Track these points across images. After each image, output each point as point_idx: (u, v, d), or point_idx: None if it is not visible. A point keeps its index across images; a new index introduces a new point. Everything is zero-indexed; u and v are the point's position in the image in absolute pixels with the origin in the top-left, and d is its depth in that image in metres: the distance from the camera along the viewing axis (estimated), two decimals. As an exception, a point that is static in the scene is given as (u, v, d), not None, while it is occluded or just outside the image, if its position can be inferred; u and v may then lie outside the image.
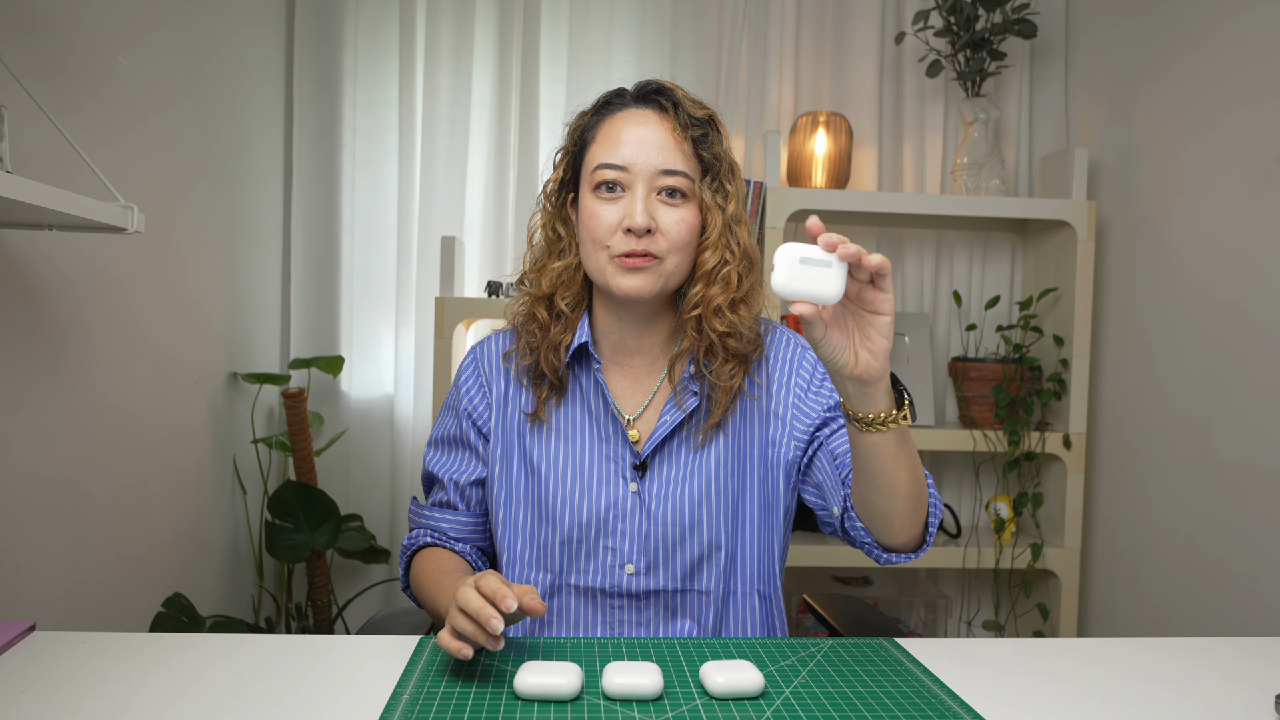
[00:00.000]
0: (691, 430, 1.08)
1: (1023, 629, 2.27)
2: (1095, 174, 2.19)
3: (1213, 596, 1.76)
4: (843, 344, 0.85)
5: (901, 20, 2.33)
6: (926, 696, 0.84)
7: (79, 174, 1.29)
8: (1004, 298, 2.38)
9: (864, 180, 2.35)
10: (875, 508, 0.96)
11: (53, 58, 1.34)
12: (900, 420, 0.89)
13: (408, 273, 2.31)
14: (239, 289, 2.06)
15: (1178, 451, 1.87)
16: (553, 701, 0.80)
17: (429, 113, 2.28)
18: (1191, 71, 1.86)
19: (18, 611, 1.28)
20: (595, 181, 1.03)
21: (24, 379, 1.30)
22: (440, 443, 1.15)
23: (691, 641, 0.96)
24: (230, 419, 2.04)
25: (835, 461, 1.06)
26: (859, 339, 0.86)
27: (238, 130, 2.04)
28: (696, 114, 1.04)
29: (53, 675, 0.84)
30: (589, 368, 1.10)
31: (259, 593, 2.16)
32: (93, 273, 1.46)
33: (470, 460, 1.13)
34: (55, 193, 1.01)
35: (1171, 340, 1.90)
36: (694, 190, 1.03)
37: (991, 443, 2.13)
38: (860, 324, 0.85)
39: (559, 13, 2.32)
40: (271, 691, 0.82)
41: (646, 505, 1.06)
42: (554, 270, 1.08)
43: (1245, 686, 0.88)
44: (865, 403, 0.88)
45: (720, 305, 1.04)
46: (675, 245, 1.02)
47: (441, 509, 1.14)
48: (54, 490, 1.38)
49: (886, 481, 0.93)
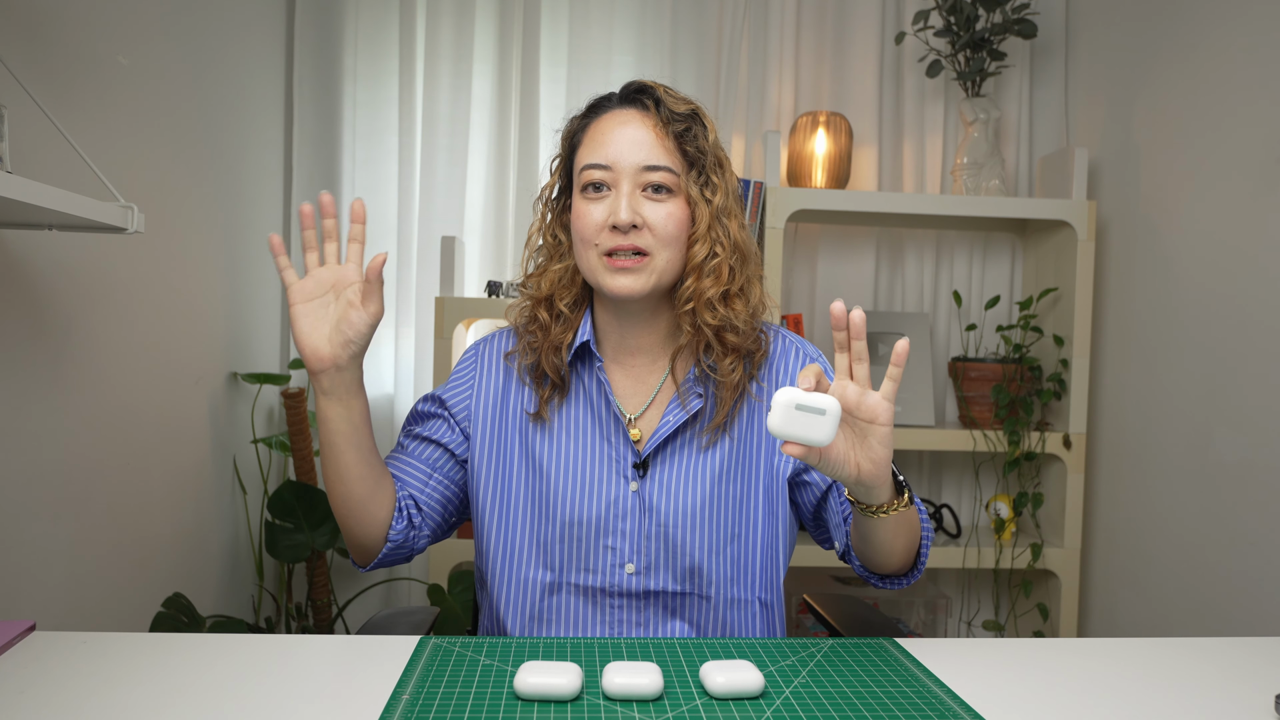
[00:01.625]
0: (695, 431, 1.08)
1: (1023, 629, 2.27)
2: (1095, 174, 2.19)
3: (1213, 596, 1.76)
4: (843, 458, 0.87)
5: (901, 20, 2.33)
6: (926, 696, 0.84)
7: (79, 174, 1.29)
8: (1004, 298, 2.38)
9: (864, 180, 2.35)
10: (872, 561, 1.01)
11: (53, 58, 1.34)
12: (900, 508, 0.92)
13: (408, 273, 2.31)
14: (239, 289, 2.06)
15: (1178, 451, 1.87)
16: (553, 701, 0.80)
17: (429, 113, 2.28)
18: (1191, 71, 1.86)
19: (18, 611, 1.28)
20: (583, 183, 1.04)
21: (24, 379, 1.30)
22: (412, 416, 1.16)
23: (691, 641, 0.96)
24: (230, 419, 2.04)
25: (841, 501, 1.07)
26: (859, 451, 0.88)
27: (238, 130, 2.04)
28: (679, 109, 1.05)
29: (53, 675, 0.84)
30: (591, 366, 1.10)
31: (259, 593, 2.16)
32: (93, 273, 1.46)
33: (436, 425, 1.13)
34: (55, 193, 1.01)
35: (1171, 340, 1.90)
36: (680, 185, 1.04)
37: (991, 443, 2.13)
38: (859, 435, 0.88)
39: (559, 13, 2.32)
40: (271, 691, 0.82)
41: (647, 505, 1.06)
42: (554, 273, 1.09)
43: (1245, 686, 0.88)
44: (866, 496, 0.91)
45: (712, 298, 1.04)
46: (663, 240, 1.02)
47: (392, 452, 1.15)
48: (54, 490, 1.38)
49: (885, 549, 0.97)
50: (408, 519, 1.09)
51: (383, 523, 1.06)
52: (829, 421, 0.82)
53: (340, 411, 0.99)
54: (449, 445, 1.12)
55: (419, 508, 1.11)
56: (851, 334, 0.87)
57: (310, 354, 0.96)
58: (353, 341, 0.95)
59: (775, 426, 0.83)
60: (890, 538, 0.95)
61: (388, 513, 1.06)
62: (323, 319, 0.96)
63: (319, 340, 0.95)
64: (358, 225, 0.96)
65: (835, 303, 0.86)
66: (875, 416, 0.86)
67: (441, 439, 1.12)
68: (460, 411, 1.13)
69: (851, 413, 0.87)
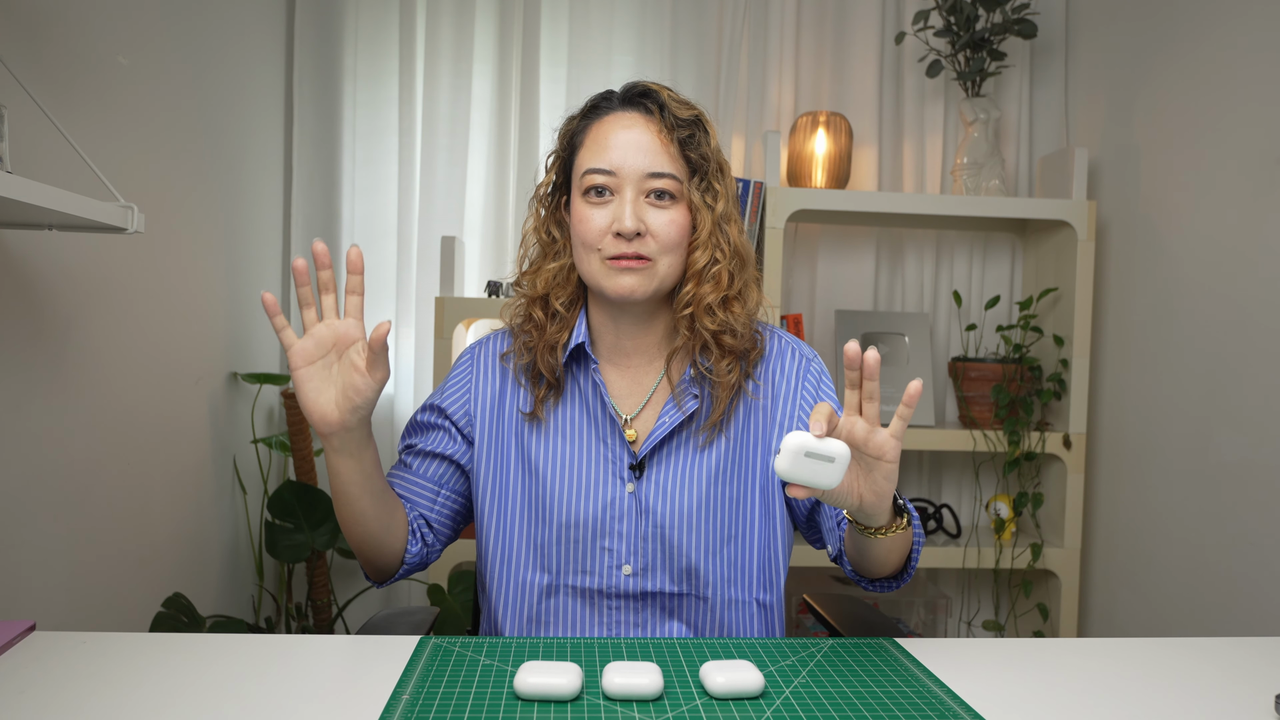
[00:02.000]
0: (691, 432, 1.08)
1: (1023, 629, 2.27)
2: (1095, 174, 2.19)
3: (1213, 596, 1.76)
4: (847, 490, 0.88)
5: (901, 20, 2.33)
6: (926, 696, 0.84)
7: (79, 174, 1.29)
8: (1004, 298, 2.38)
9: (864, 180, 2.35)
10: (865, 570, 1.02)
11: (53, 58, 1.34)
12: (899, 529, 0.93)
13: (408, 273, 2.31)
14: (239, 289, 2.06)
15: (1178, 451, 1.87)
16: (553, 702, 0.80)
17: (429, 113, 2.28)
18: (1191, 71, 1.86)
19: (18, 611, 1.28)
20: (585, 186, 1.04)
21: (24, 379, 1.30)
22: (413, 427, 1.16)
23: (691, 641, 0.96)
24: (230, 419, 2.04)
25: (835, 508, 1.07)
26: (863, 483, 0.88)
27: (238, 130, 2.04)
28: (683, 115, 1.04)
29: (53, 675, 0.84)
30: (586, 367, 1.10)
31: (259, 593, 2.16)
32: (93, 273, 1.46)
33: (437, 436, 1.13)
34: (55, 193, 1.01)
35: (1171, 340, 1.90)
36: (682, 191, 1.04)
37: (991, 443, 2.13)
38: (865, 469, 0.87)
39: (559, 13, 2.32)
40: (271, 691, 0.82)
41: (643, 506, 1.06)
42: (549, 271, 1.09)
43: (1245, 686, 0.88)
44: (866, 520, 0.92)
45: (712, 303, 1.04)
46: (666, 247, 1.03)
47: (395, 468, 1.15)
48: (54, 490, 1.38)
49: (879, 562, 0.98)
50: (421, 539, 1.10)
51: (399, 551, 1.08)
52: (837, 468, 0.83)
53: (352, 464, 0.98)
54: (452, 456, 1.12)
55: (430, 526, 1.12)
56: (865, 375, 0.85)
57: (319, 419, 0.93)
58: (360, 407, 0.93)
59: (783, 471, 0.83)
60: (885, 554, 0.96)
61: (402, 540, 1.08)
62: (327, 381, 0.93)
63: (326, 405, 0.93)
64: (355, 276, 0.92)
65: (850, 343, 0.85)
66: (883, 454, 0.86)
67: (444, 451, 1.12)
68: (461, 417, 1.12)
69: (859, 448, 0.86)
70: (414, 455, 1.13)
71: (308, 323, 0.92)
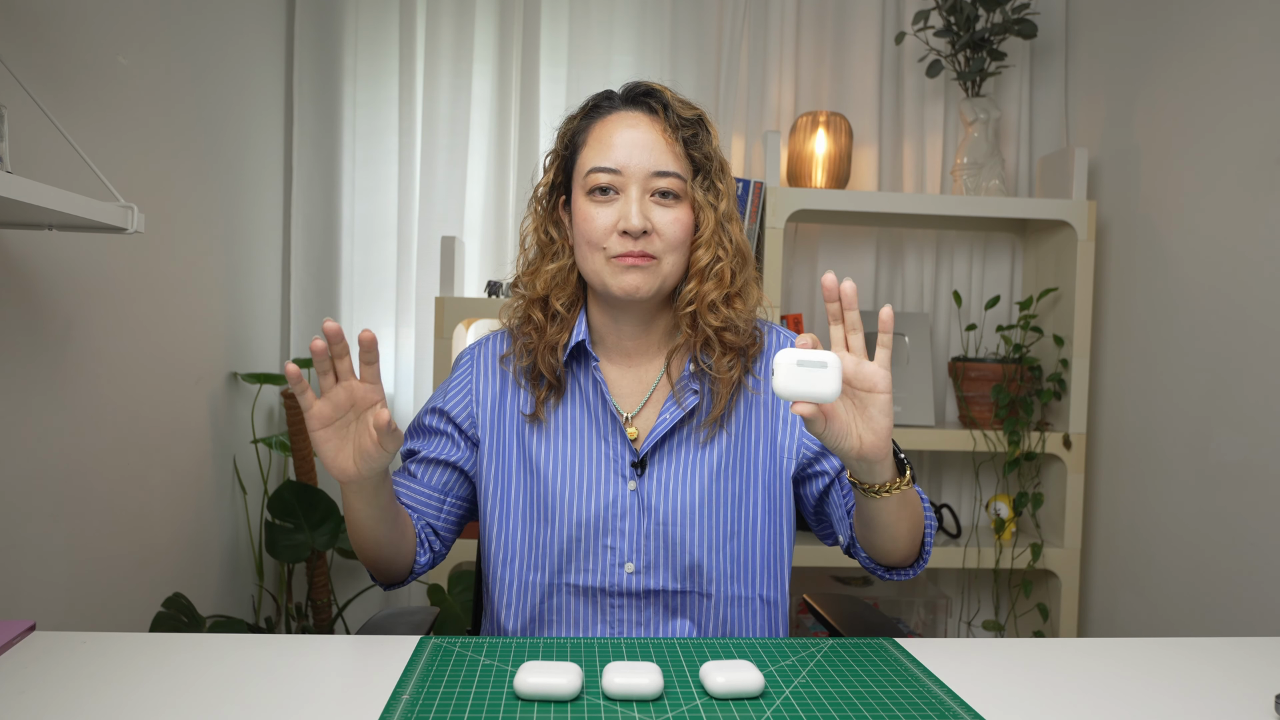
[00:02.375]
0: (693, 428, 1.08)
1: (1023, 629, 2.27)
2: (1095, 174, 2.19)
3: (1213, 596, 1.76)
4: (845, 429, 0.88)
5: (901, 20, 2.33)
6: (926, 696, 0.84)
7: (79, 174, 1.29)
8: (1004, 298, 2.38)
9: (864, 180, 2.35)
10: (877, 548, 1.02)
11: (53, 58, 1.34)
12: (903, 486, 0.93)
13: (408, 273, 2.31)
14: (239, 289, 2.06)
15: (1178, 451, 1.87)
16: (553, 702, 0.80)
17: (429, 113, 2.28)
18: (1191, 71, 1.86)
19: (18, 611, 1.28)
20: (589, 185, 1.04)
21: (24, 379, 1.30)
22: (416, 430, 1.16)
23: (691, 641, 0.96)
24: (230, 419, 2.04)
25: (844, 493, 1.08)
26: (860, 421, 0.89)
27: (238, 130, 2.04)
28: (686, 114, 1.05)
29: (53, 675, 0.84)
30: (587, 366, 1.10)
31: (259, 593, 2.16)
32: (93, 273, 1.46)
33: (440, 442, 1.13)
34: (55, 193, 1.01)
35: (1171, 340, 1.90)
36: (686, 190, 1.05)
37: (991, 443, 2.13)
38: (860, 405, 0.89)
39: (559, 13, 2.32)
40: (271, 691, 0.82)
41: (645, 503, 1.06)
42: (548, 272, 1.09)
43: (1245, 686, 0.88)
44: (869, 475, 0.92)
45: (715, 301, 1.05)
46: (670, 245, 1.04)
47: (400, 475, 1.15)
48: (54, 490, 1.38)
49: (889, 533, 0.98)
50: (429, 548, 1.11)
51: (408, 563, 1.09)
52: (832, 374, 0.83)
53: (369, 500, 0.98)
54: (456, 462, 1.12)
55: (437, 534, 1.13)
56: (844, 305, 0.88)
57: (338, 473, 0.94)
58: (376, 467, 0.94)
59: (780, 385, 0.83)
60: (894, 520, 0.96)
61: (411, 553, 1.09)
62: (345, 440, 0.94)
63: (345, 462, 0.94)
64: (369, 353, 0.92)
65: (827, 274, 0.89)
66: (874, 385, 0.88)
67: (448, 457, 1.12)
68: (464, 419, 1.13)
69: (849, 382, 0.88)
70: (418, 463, 1.14)
71: (325, 388, 0.92)
